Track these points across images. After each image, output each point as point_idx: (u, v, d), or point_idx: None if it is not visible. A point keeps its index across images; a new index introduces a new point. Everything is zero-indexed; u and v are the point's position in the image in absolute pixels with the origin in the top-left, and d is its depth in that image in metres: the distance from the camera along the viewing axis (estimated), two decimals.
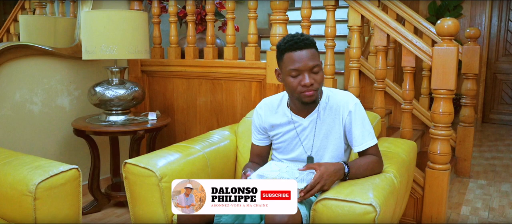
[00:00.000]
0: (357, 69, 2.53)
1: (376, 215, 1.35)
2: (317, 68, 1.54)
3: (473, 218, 2.65)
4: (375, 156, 1.65)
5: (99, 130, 2.56)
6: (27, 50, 2.66)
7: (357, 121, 1.63)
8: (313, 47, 1.55)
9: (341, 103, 1.65)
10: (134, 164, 1.81)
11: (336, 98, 1.67)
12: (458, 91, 3.13)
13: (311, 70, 1.53)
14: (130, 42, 2.52)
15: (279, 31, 2.57)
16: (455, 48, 2.13)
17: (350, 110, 1.63)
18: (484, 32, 5.41)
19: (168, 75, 3.17)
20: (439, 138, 2.24)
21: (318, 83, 1.55)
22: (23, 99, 2.67)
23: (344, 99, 1.66)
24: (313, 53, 1.54)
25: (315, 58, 1.54)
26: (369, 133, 1.64)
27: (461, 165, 3.38)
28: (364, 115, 1.66)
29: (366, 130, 1.64)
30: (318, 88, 1.56)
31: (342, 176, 1.55)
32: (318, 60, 1.55)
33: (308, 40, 1.54)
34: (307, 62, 1.52)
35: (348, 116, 1.63)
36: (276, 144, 1.78)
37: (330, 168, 1.52)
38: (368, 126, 1.65)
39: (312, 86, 1.54)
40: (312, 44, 1.55)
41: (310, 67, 1.53)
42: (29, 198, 1.61)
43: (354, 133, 1.63)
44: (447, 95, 2.18)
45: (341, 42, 4.07)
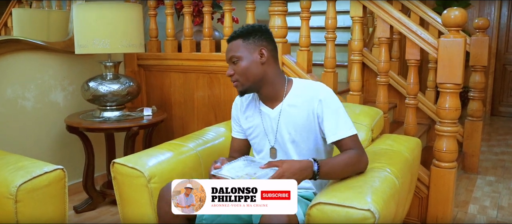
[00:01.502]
0: (359, 62, 2.42)
1: (375, 221, 1.26)
2: (235, 58, 1.55)
3: (481, 217, 2.55)
4: (354, 150, 1.52)
5: (92, 126, 2.49)
6: (18, 44, 2.58)
7: (329, 110, 1.54)
8: (240, 38, 1.56)
9: (311, 93, 1.57)
10: (122, 164, 1.73)
11: (306, 89, 1.60)
12: (466, 83, 3.02)
13: (231, 61, 1.57)
14: (123, 35, 2.44)
15: (278, 23, 2.47)
16: (462, 40, 2.01)
17: (320, 99, 1.54)
18: (493, 22, 5.27)
19: (165, 69, 3.09)
20: (445, 135, 2.14)
21: (239, 73, 1.55)
22: (15, 95, 2.60)
23: (314, 89, 1.59)
24: (236, 44, 1.56)
25: (236, 49, 1.56)
26: (344, 123, 1.54)
27: (469, 161, 3.26)
28: (338, 104, 1.56)
29: (341, 119, 1.54)
30: (240, 79, 1.56)
31: (310, 175, 1.42)
32: (239, 50, 1.55)
33: (236, 32, 1.58)
34: (227, 54, 1.58)
35: (318, 106, 1.55)
36: (251, 140, 1.74)
37: (294, 165, 1.40)
38: (343, 115, 1.55)
39: (232, 77, 1.57)
40: (238, 35, 1.56)
41: (229, 58, 1.57)
42: (10, 200, 1.53)
43: (326, 123, 1.54)
44: (454, 90, 2.07)
45: (345, 33, 3.96)
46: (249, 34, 1.56)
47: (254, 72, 1.55)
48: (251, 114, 1.70)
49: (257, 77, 1.56)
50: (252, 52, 1.55)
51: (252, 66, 1.55)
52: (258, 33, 1.57)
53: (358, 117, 1.98)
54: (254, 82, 1.57)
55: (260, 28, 1.58)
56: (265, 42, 1.58)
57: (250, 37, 1.56)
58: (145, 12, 3.08)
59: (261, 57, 1.56)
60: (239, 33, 1.57)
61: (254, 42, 1.56)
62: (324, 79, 2.48)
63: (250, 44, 1.55)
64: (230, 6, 2.73)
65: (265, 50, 1.56)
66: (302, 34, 2.52)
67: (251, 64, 1.55)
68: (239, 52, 1.55)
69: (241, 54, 1.55)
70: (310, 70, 2.54)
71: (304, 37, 2.52)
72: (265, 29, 1.59)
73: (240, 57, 1.54)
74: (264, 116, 1.65)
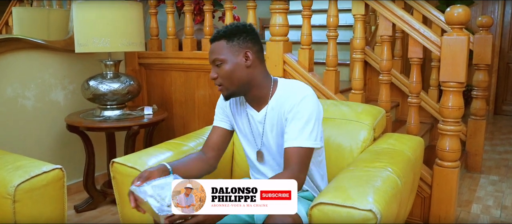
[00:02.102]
0: (361, 60, 2.40)
1: (377, 221, 1.23)
2: (218, 61, 1.46)
3: (484, 217, 2.52)
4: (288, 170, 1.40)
5: (93, 126, 2.47)
6: (18, 43, 2.57)
7: (298, 115, 1.44)
8: (223, 38, 1.46)
9: (288, 96, 1.49)
10: (122, 164, 1.72)
11: (287, 91, 1.51)
12: (469, 82, 2.99)
13: (214, 63, 1.48)
14: (123, 34, 2.42)
15: (279, 21, 2.45)
16: (466, 38, 1.99)
17: (294, 103, 1.45)
18: (497, 20, 5.22)
19: (165, 68, 3.07)
20: (448, 134, 2.11)
21: (222, 77, 1.47)
22: (15, 94, 2.59)
23: (293, 91, 1.49)
24: (220, 46, 1.47)
25: (219, 51, 1.46)
26: (309, 134, 1.42)
27: (472, 160, 3.23)
28: (311, 111, 1.44)
29: (307, 128, 1.42)
30: (224, 83, 1.48)
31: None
32: (223, 53, 1.46)
33: (219, 31, 1.48)
34: (210, 56, 1.49)
35: (292, 108, 1.45)
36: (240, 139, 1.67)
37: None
38: (311, 125, 1.43)
39: (215, 81, 1.49)
40: (222, 36, 1.47)
41: (212, 60, 1.48)
42: (8, 200, 1.52)
43: (287, 128, 1.45)
44: (457, 88, 2.04)
45: (347, 32, 3.94)
46: (233, 35, 1.46)
47: (239, 76, 1.47)
48: (239, 113, 1.63)
49: (242, 81, 1.48)
50: (236, 55, 1.46)
51: (237, 69, 1.46)
52: (243, 34, 1.47)
53: (360, 116, 1.95)
54: (239, 86, 1.49)
55: (245, 28, 1.49)
56: (250, 44, 1.48)
57: (235, 38, 1.46)
58: (145, 11, 3.06)
59: (246, 60, 1.47)
60: (223, 34, 1.47)
61: (239, 44, 1.46)
62: (326, 78, 2.46)
63: (234, 46, 1.46)
64: (231, 4, 2.72)
65: (250, 53, 1.47)
66: (304, 32, 2.50)
67: (236, 68, 1.46)
68: (223, 54, 1.45)
69: (224, 56, 1.45)
70: (312, 68, 2.52)
71: (305, 35, 2.49)
72: (250, 29, 1.50)
73: (223, 60, 1.45)
74: (251, 119, 1.59)
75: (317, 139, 1.45)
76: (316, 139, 1.44)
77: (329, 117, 1.99)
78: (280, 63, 2.49)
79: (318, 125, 1.47)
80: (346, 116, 1.97)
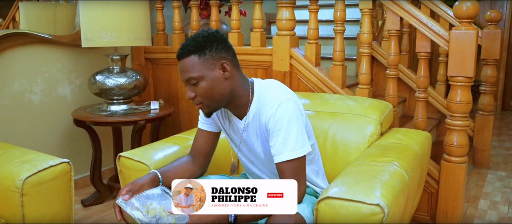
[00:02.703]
0: (368, 55, 2.38)
1: (384, 216, 1.23)
2: (194, 79, 1.34)
3: (492, 213, 2.50)
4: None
5: (99, 120, 2.48)
6: (25, 38, 2.58)
7: (277, 126, 1.35)
8: (193, 53, 1.33)
9: (265, 103, 1.40)
10: (128, 157, 1.72)
11: (263, 97, 1.42)
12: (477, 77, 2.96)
13: (189, 82, 1.36)
14: (129, 28, 2.42)
15: (286, 15, 2.44)
16: (474, 32, 1.97)
17: (271, 114, 1.36)
18: (506, 15, 5.17)
19: (172, 63, 3.07)
20: (455, 129, 2.10)
21: (201, 95, 1.36)
22: (22, 88, 2.60)
23: (268, 98, 1.40)
24: (191, 62, 1.33)
25: (192, 68, 1.33)
26: (293, 144, 1.34)
27: (479, 155, 3.21)
28: (288, 119, 1.35)
29: (290, 138, 1.34)
30: (204, 101, 1.38)
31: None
32: (196, 70, 1.33)
33: (187, 47, 1.33)
34: (181, 75, 1.37)
35: (270, 119, 1.37)
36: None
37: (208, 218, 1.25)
38: (293, 133, 1.35)
39: (194, 100, 1.38)
40: (190, 51, 1.33)
41: (186, 80, 1.36)
42: (16, 194, 1.53)
43: (272, 141, 1.37)
44: (465, 83, 2.02)
45: (354, 27, 3.92)
46: (203, 48, 1.33)
47: (219, 91, 1.37)
48: (223, 118, 1.56)
49: (223, 95, 1.39)
50: (212, 68, 1.34)
51: (216, 84, 1.36)
52: (214, 43, 1.35)
53: (367, 111, 1.94)
54: (221, 101, 1.41)
55: (214, 36, 1.36)
56: (224, 53, 1.37)
57: (206, 51, 1.34)
58: (152, 5, 3.06)
59: (224, 72, 1.37)
60: (192, 48, 1.33)
61: (212, 56, 1.34)
62: (332, 72, 2.44)
63: (208, 60, 1.34)
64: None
65: (226, 63, 1.36)
66: (311, 26, 2.48)
67: (215, 83, 1.36)
68: (197, 71, 1.33)
69: (199, 73, 1.33)
70: (319, 63, 2.51)
71: (312, 29, 2.48)
72: (219, 36, 1.37)
73: (199, 77, 1.34)
74: (232, 125, 1.53)
75: (303, 144, 1.37)
76: (303, 145, 1.37)
77: (336, 111, 1.98)
78: (287, 57, 2.48)
79: (301, 129, 1.38)
80: (353, 111, 1.96)
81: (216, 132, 1.62)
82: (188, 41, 1.35)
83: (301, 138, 1.37)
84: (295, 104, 1.40)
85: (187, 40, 1.36)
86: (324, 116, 1.96)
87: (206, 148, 1.62)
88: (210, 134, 1.61)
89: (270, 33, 4.67)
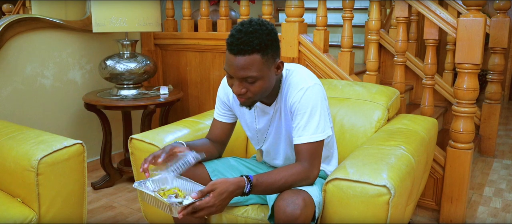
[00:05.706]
0: (376, 41, 2.39)
1: (391, 197, 1.26)
2: (252, 79, 1.29)
3: (497, 200, 2.53)
4: (301, 164, 1.36)
5: (110, 104, 2.52)
6: (37, 23, 2.61)
7: (302, 110, 1.37)
8: (257, 52, 1.25)
9: (292, 87, 1.40)
10: (140, 140, 1.75)
11: (291, 81, 1.42)
12: (485, 66, 2.97)
13: (245, 80, 1.30)
14: (140, 14, 2.45)
15: (295, 2, 2.45)
16: (482, 19, 1.98)
17: (299, 97, 1.37)
18: None
19: (181, 49, 3.10)
20: (462, 116, 2.12)
21: (254, 93, 1.32)
22: (35, 72, 2.64)
23: (295, 82, 1.40)
24: (254, 61, 1.26)
25: (251, 68, 1.26)
26: (315, 127, 1.36)
27: (485, 143, 3.23)
28: (313, 103, 1.36)
29: (312, 122, 1.36)
30: (252, 97, 1.34)
31: (239, 194, 1.26)
32: (258, 69, 1.27)
33: (247, 45, 1.24)
34: (237, 71, 1.27)
35: (296, 102, 1.38)
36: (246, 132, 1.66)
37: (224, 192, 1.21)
38: (316, 117, 1.36)
39: (241, 95, 1.34)
40: (255, 49, 1.25)
41: (242, 77, 1.29)
42: (31, 173, 1.57)
43: (294, 123, 1.39)
44: (472, 70, 2.04)
45: (362, 15, 3.92)
46: (267, 47, 1.27)
47: (270, 87, 1.36)
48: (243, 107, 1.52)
49: (270, 89, 1.38)
50: (270, 67, 1.31)
51: (270, 83, 1.35)
52: (275, 42, 1.31)
53: (374, 96, 1.97)
54: (266, 95, 1.39)
55: (274, 32, 1.31)
56: (278, 50, 1.34)
57: (268, 51, 1.28)
58: None
59: (277, 70, 1.36)
60: (257, 47, 1.25)
61: (272, 56, 1.31)
62: (340, 59, 2.46)
63: (269, 59, 1.29)
64: None
65: (282, 63, 1.36)
66: (319, 13, 2.50)
67: (270, 82, 1.34)
68: (258, 71, 1.28)
69: (260, 73, 1.28)
70: (327, 49, 2.53)
71: (321, 16, 2.50)
72: (276, 31, 1.33)
73: (258, 76, 1.29)
74: (260, 113, 1.53)
75: (324, 129, 1.39)
76: (324, 129, 1.38)
77: (343, 97, 2.01)
78: (295, 43, 2.50)
79: (324, 113, 1.40)
80: (361, 96, 1.99)
81: (232, 122, 1.66)
82: (251, 37, 1.24)
83: (323, 122, 1.39)
84: (320, 88, 1.42)
85: (248, 36, 1.25)
86: (332, 102, 1.98)
87: (223, 137, 1.66)
88: (226, 124, 1.65)
89: (278, 21, 4.68)
